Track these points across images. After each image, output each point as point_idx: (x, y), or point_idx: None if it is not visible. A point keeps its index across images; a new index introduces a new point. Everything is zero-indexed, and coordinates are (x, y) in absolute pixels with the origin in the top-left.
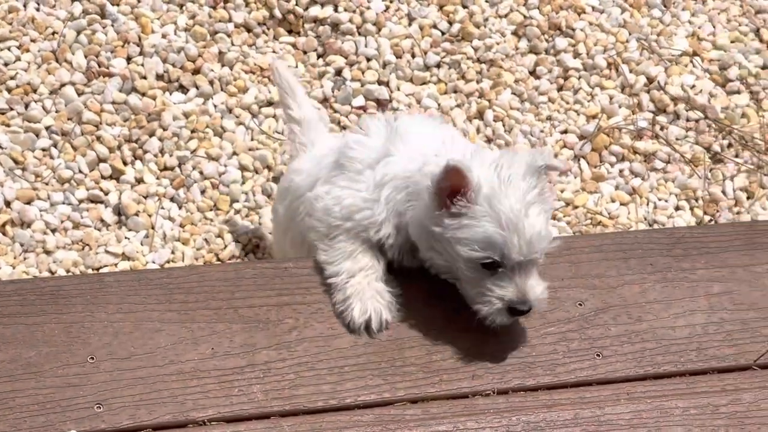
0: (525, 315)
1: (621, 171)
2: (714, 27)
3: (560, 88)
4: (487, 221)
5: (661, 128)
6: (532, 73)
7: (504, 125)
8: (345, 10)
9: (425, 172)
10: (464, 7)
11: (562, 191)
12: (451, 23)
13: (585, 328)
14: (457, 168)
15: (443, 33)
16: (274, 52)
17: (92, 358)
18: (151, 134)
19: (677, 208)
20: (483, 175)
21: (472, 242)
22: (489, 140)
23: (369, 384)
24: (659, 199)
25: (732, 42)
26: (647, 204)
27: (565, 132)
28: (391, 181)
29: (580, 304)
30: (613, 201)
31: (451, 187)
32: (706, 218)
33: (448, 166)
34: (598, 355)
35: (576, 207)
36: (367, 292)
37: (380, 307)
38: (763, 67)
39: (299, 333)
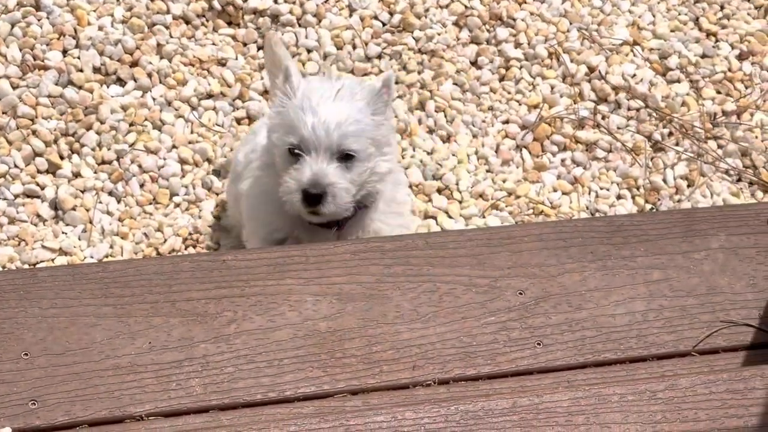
0: (320, 205)
1: (563, 160)
2: (654, 16)
3: (502, 78)
4: (293, 107)
5: (603, 117)
6: (474, 63)
7: (446, 116)
8: (285, 1)
9: None
10: None
11: (504, 181)
12: (392, 14)
13: (525, 317)
14: (286, 67)
15: (384, 24)
16: (213, 44)
17: (26, 354)
18: (89, 128)
19: (619, 197)
20: (313, 78)
21: (281, 127)
22: (431, 131)
23: (309, 376)
24: (601, 188)
25: (672, 31)
26: (589, 193)
27: (506, 122)
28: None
29: (521, 293)
30: (555, 190)
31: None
32: (648, 206)
33: (283, 66)
34: (538, 344)
35: (518, 197)
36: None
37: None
38: (703, 56)
39: (238, 326)
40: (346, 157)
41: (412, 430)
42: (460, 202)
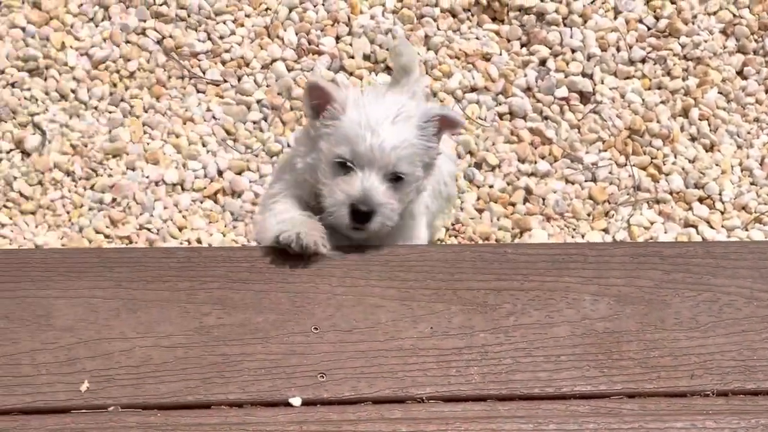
0: (366, 225)
1: None
2: None
3: None
4: (351, 121)
5: None
6: (740, 73)
7: (709, 124)
8: (551, 0)
9: None
10: (672, 2)
11: None
12: (657, 18)
13: None
14: (315, 85)
15: (649, 28)
16: (477, 38)
17: (316, 329)
18: None
19: None
20: (365, 92)
21: (333, 137)
22: (693, 139)
23: (585, 375)
24: None
25: None
26: None
27: None
28: None
29: None
30: None
31: (321, 103)
32: None
33: (307, 82)
34: None
35: None
36: (302, 218)
37: (313, 234)
38: None
39: (516, 319)
40: (396, 179)
41: None
42: (722, 213)
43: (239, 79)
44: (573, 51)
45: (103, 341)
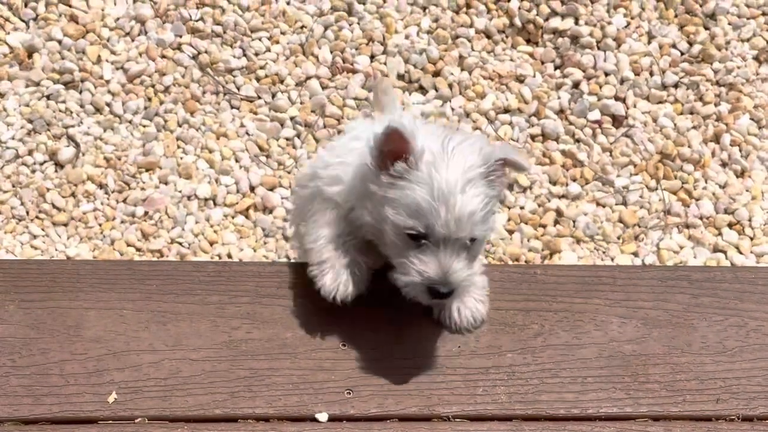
0: (446, 298)
1: None
2: None
3: None
4: (420, 187)
5: None
6: None
7: (741, 150)
8: (586, 23)
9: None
10: (706, 28)
11: None
12: (691, 44)
13: None
14: (398, 131)
15: (682, 53)
16: (511, 60)
17: (344, 345)
18: None
19: None
20: (428, 144)
21: (401, 206)
22: (724, 164)
23: (612, 397)
24: None
25: None
26: None
27: None
28: (361, 143)
29: None
30: None
31: (394, 150)
32: None
33: (389, 127)
34: None
35: None
36: (343, 259)
37: (349, 280)
38: None
39: (544, 340)
40: (471, 240)
41: None
42: (752, 239)
43: (273, 96)
44: (606, 74)
45: (132, 353)
